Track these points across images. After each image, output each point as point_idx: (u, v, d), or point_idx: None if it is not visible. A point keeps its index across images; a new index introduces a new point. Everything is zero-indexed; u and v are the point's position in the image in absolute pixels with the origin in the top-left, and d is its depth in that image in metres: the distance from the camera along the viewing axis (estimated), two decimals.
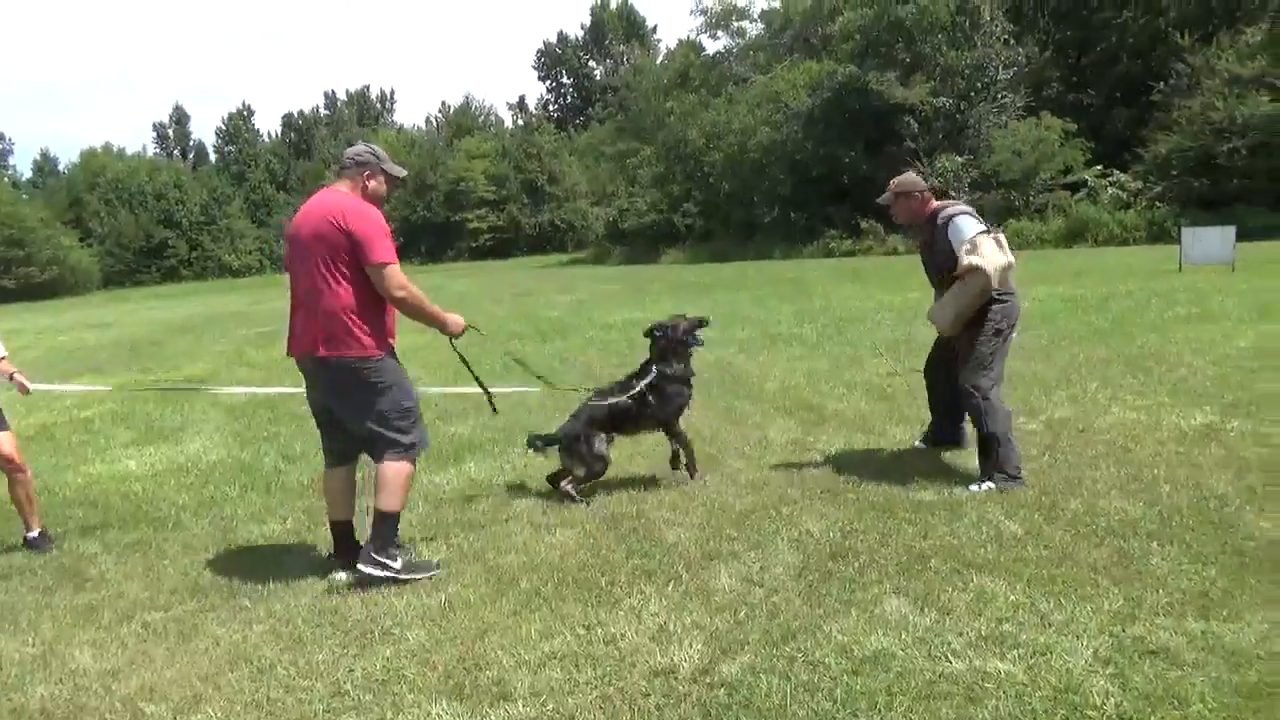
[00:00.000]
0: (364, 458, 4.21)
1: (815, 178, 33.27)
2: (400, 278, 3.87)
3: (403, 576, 3.90)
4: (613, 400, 5.16)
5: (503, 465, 5.95)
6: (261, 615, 3.73)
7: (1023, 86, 32.89)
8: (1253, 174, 25.79)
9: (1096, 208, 28.57)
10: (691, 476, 5.23)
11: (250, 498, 5.57)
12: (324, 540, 4.56)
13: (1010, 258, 4.83)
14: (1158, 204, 27.61)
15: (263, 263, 78.00)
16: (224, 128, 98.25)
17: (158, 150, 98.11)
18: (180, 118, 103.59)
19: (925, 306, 5.45)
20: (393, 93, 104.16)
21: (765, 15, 41.61)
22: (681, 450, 5.31)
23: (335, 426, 4.11)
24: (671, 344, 5.32)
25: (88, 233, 70.21)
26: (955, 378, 5.04)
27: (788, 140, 33.94)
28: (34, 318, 29.88)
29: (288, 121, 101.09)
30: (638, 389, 5.18)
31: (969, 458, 5.23)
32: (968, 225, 4.92)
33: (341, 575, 4.05)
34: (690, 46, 46.48)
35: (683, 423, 5.36)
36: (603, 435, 5.12)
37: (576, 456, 5.06)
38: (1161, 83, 30.79)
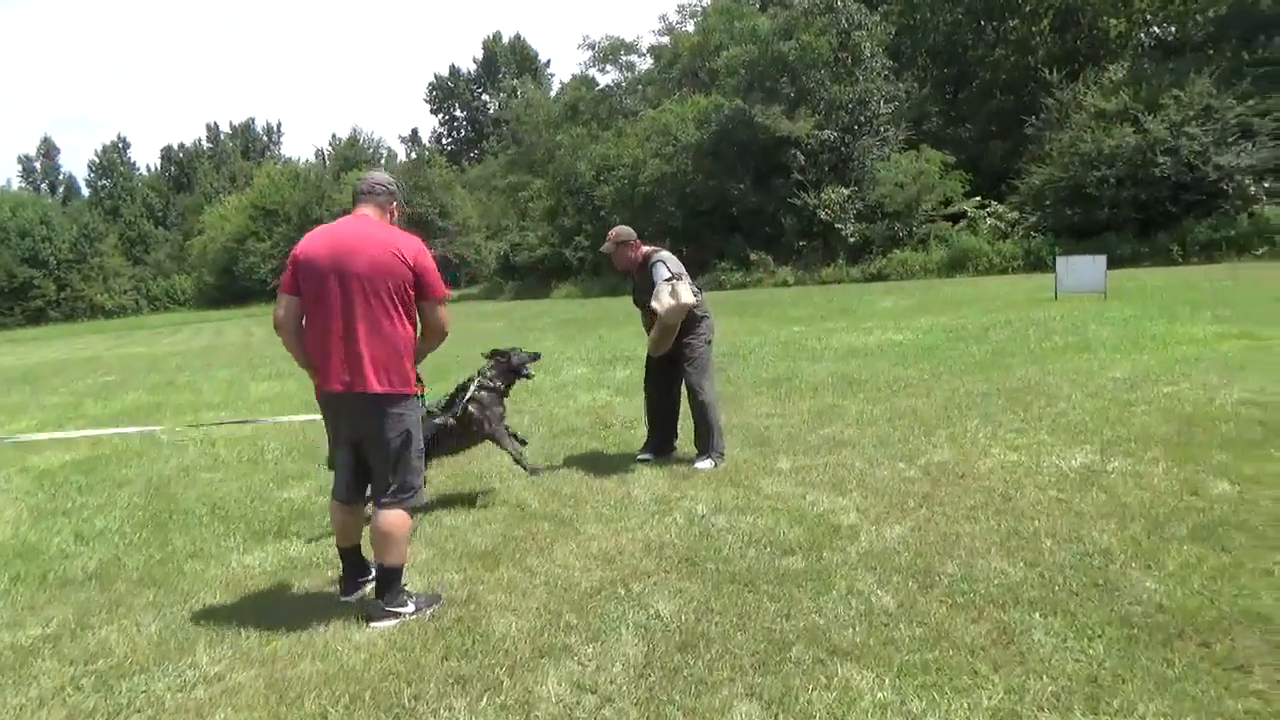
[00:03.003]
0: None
1: (705, 210, 33.36)
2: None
3: (424, 613, 3.88)
4: (437, 421, 5.47)
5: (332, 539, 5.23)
6: None
7: (903, 120, 33.76)
8: (1119, 203, 26.89)
9: (976, 238, 29.34)
10: (530, 473, 5.98)
11: (16, 592, 4.70)
12: (84, 650, 3.78)
13: (694, 296, 6.03)
14: (1034, 233, 28.50)
15: (138, 302, 74.27)
16: (98, 160, 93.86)
17: (24, 184, 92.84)
18: (49, 150, 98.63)
19: (808, 338, 5.22)
20: (279, 125, 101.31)
21: (654, 50, 41.90)
22: (511, 454, 5.83)
23: (364, 465, 4.01)
24: (504, 370, 5.87)
25: None
26: (669, 389, 6.38)
27: (678, 173, 33.99)
28: None
29: (167, 154, 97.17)
30: (460, 403, 5.62)
31: (843, 514, 4.81)
32: (668, 265, 6.04)
33: None
34: (582, 80, 46.40)
35: (540, 481, 4.95)
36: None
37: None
38: (1034, 116, 32.01)
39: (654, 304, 5.89)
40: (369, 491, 4.07)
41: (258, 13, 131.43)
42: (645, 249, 6.25)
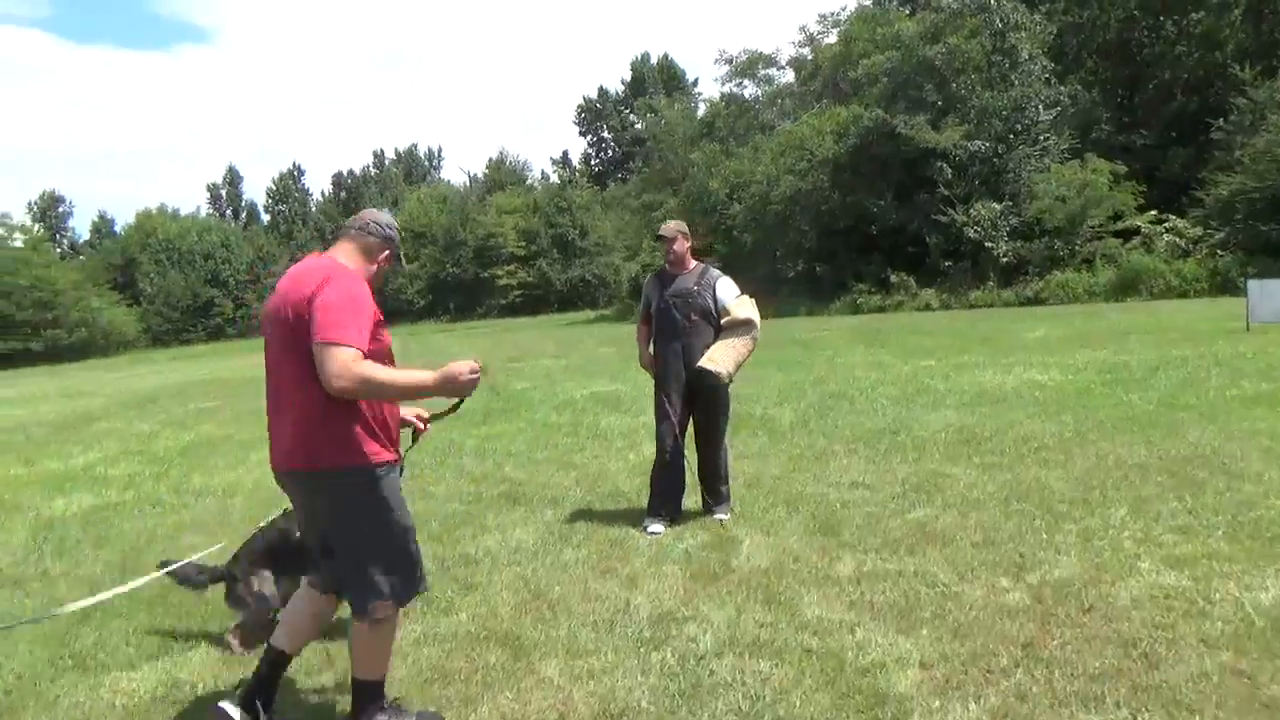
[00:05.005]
0: None
1: (842, 229, 31.28)
2: None
3: None
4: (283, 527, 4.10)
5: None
6: None
7: (1067, 128, 30.66)
8: None
9: (1151, 257, 26.11)
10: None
11: None
12: None
13: None
14: (1220, 252, 25.10)
15: None
16: (274, 187, 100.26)
17: (211, 211, 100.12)
18: (233, 179, 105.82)
19: (934, 376, 4.05)
20: (440, 150, 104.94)
21: (793, 62, 40.14)
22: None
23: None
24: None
25: (139, 293, 71.46)
26: (682, 435, 5.67)
27: (813, 189, 32.02)
28: (29, 383, 29.14)
29: (337, 180, 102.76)
30: None
31: (898, 671, 3.28)
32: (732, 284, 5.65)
33: None
34: (728, 98, 45.14)
35: (532, 574, 3.61)
36: (267, 574, 4.06)
37: (235, 600, 4.07)
38: (1221, 120, 28.39)
39: (742, 312, 5.50)
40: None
41: (423, 46, 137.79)
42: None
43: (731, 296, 5.64)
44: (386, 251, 3.30)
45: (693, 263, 5.76)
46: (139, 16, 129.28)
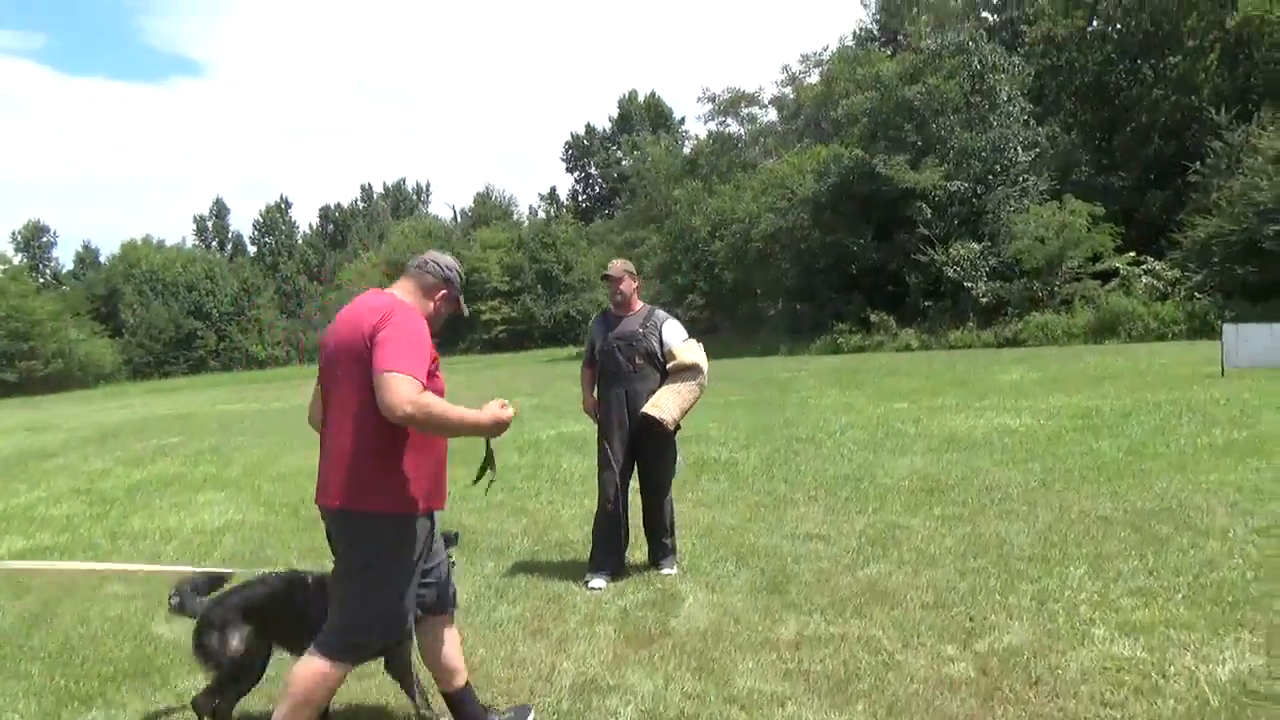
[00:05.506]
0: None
1: (823, 267, 31.21)
2: None
3: None
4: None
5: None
6: None
7: (1046, 170, 30.84)
8: None
9: (1130, 299, 26.12)
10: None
11: None
12: None
13: None
14: (1198, 295, 25.14)
15: (289, 353, 77.82)
16: (261, 220, 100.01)
17: (197, 242, 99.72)
18: (220, 210, 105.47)
19: (905, 419, 4.11)
20: (429, 185, 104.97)
21: (776, 101, 40.42)
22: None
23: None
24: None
25: (121, 324, 70.89)
26: (626, 485, 5.44)
27: (793, 227, 32.02)
28: None
29: (325, 213, 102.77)
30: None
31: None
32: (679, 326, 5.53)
33: None
34: (714, 135, 45.34)
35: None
36: (248, 629, 3.47)
37: (203, 651, 3.45)
38: (1198, 163, 28.63)
39: (689, 357, 5.31)
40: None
41: (415, 81, 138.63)
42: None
43: (678, 340, 5.44)
44: (444, 291, 3.32)
45: (639, 304, 5.57)
46: (133, 49, 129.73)
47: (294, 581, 3.68)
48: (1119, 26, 34.64)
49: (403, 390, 2.77)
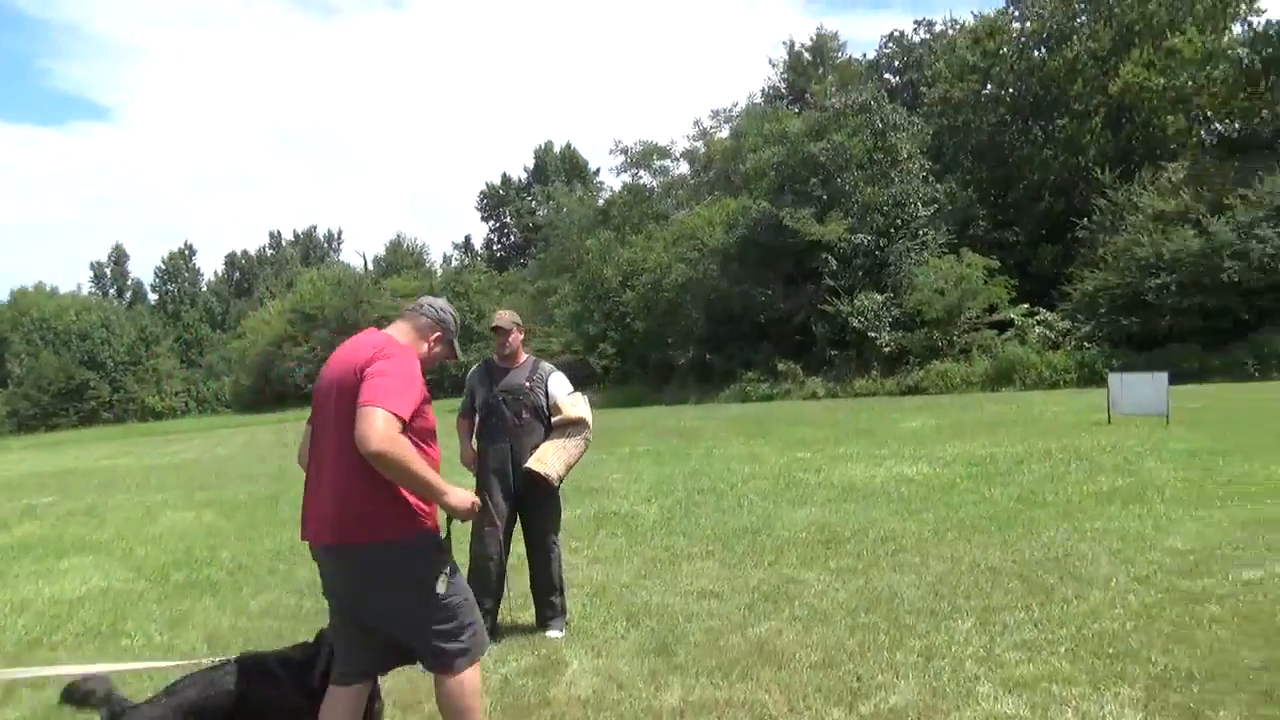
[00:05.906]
0: None
1: (732, 316, 31.66)
2: None
3: None
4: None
5: None
6: None
7: (944, 224, 32.01)
8: (1183, 311, 24.68)
9: (1024, 348, 27.12)
10: None
11: None
12: None
13: None
14: (1086, 344, 26.26)
15: (188, 404, 74.85)
16: (164, 267, 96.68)
17: (94, 289, 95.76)
18: (119, 257, 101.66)
19: (808, 469, 4.10)
20: (340, 233, 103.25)
21: (687, 154, 41.17)
22: None
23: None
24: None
25: (7, 374, 67.24)
26: (508, 542, 5.27)
27: (703, 278, 32.49)
28: None
29: (231, 260, 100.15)
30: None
31: None
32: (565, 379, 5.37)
33: None
34: (629, 188, 45.78)
35: None
36: None
37: None
38: (1086, 219, 30.12)
39: (575, 411, 5.20)
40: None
41: (329, 127, 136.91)
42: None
43: (564, 393, 5.32)
44: (438, 333, 3.35)
45: (524, 356, 5.43)
46: (37, 92, 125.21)
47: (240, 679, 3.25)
48: (1011, 90, 36.41)
49: (379, 426, 2.76)
